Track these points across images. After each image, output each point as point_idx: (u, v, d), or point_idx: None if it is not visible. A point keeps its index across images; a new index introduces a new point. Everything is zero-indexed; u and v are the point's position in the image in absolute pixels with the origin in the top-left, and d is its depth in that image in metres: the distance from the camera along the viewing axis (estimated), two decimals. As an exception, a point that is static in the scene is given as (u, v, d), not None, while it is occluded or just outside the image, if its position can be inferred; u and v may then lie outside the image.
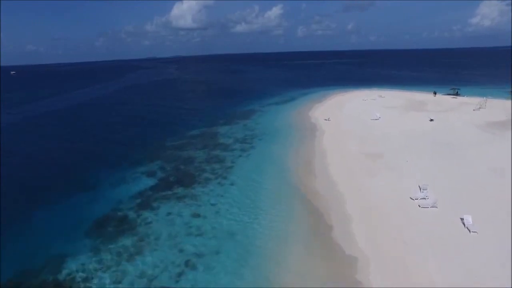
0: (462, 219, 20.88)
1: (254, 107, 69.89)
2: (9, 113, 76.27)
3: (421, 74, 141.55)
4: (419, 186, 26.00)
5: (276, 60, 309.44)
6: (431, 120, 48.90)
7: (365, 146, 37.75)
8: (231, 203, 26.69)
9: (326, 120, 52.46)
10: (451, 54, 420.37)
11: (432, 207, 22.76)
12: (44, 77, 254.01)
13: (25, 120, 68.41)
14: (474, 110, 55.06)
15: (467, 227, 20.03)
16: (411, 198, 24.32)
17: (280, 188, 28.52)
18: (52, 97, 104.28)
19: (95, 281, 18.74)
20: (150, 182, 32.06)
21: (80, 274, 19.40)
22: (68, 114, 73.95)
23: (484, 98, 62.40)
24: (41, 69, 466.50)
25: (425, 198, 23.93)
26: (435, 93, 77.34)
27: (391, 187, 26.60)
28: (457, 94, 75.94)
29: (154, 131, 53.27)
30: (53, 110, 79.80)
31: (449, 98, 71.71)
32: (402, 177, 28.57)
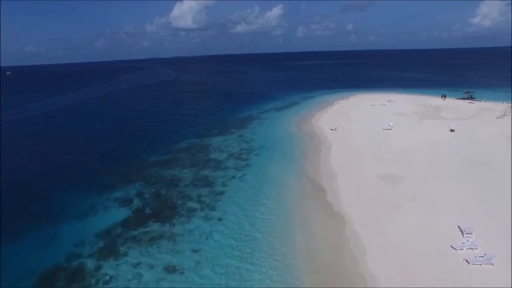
0: (536, 289, 15.13)
1: (252, 113, 64.19)
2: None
3: (424, 75, 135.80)
4: (459, 228, 20.20)
5: (276, 60, 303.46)
6: (452, 130, 43.16)
7: (381, 166, 31.91)
8: (217, 248, 20.86)
9: (332, 130, 46.68)
10: (451, 54, 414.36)
11: (487, 264, 16.97)
12: (39, 78, 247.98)
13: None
14: (497, 118, 49.24)
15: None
16: (452, 247, 18.56)
17: (280, 228, 22.65)
18: (38, 101, 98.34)
19: None
20: (122, 213, 26.28)
21: None
22: (45, 122, 67.64)
23: (506, 103, 56.80)
24: (39, 69, 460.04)
25: (472, 248, 18.13)
26: (444, 96, 71.58)
27: (422, 229, 20.73)
28: (471, 98, 70.27)
29: (139, 143, 47.39)
30: (32, 116, 73.79)
31: (463, 102, 66.03)
32: (433, 212, 22.75)
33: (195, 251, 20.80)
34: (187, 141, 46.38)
